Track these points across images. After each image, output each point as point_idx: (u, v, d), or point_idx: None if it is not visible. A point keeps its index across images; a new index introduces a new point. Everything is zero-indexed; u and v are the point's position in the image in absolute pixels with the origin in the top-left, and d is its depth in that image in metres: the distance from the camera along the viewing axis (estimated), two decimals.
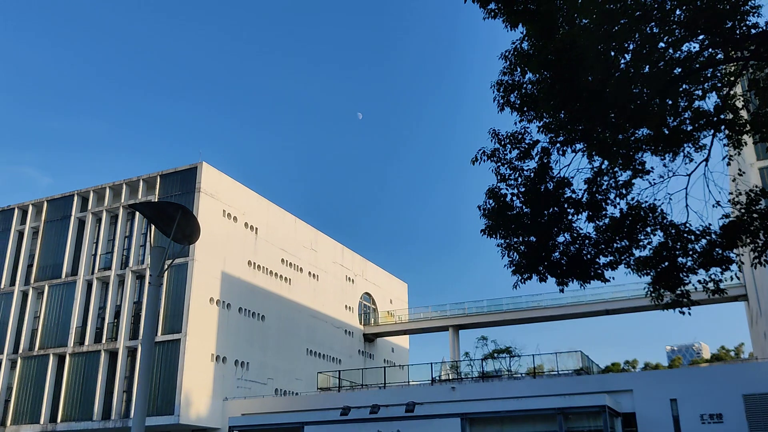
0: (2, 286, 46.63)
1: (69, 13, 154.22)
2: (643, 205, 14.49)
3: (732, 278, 39.94)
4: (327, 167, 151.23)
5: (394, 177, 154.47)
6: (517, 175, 14.56)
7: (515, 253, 14.65)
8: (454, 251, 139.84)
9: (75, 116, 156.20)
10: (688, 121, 13.69)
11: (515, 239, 14.63)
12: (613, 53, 12.63)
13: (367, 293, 60.77)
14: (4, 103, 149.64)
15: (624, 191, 14.59)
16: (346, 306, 57.02)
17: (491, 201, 14.60)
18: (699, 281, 14.31)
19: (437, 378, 42.18)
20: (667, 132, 13.64)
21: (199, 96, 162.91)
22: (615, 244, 14.56)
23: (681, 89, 13.11)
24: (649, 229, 14.52)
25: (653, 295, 14.94)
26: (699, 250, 14.18)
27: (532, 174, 14.48)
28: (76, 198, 46.15)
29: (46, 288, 44.81)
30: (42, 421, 41.15)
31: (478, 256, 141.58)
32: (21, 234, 47.93)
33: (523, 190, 14.47)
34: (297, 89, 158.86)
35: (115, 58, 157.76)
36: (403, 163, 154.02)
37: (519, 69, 13.96)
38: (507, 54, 14.08)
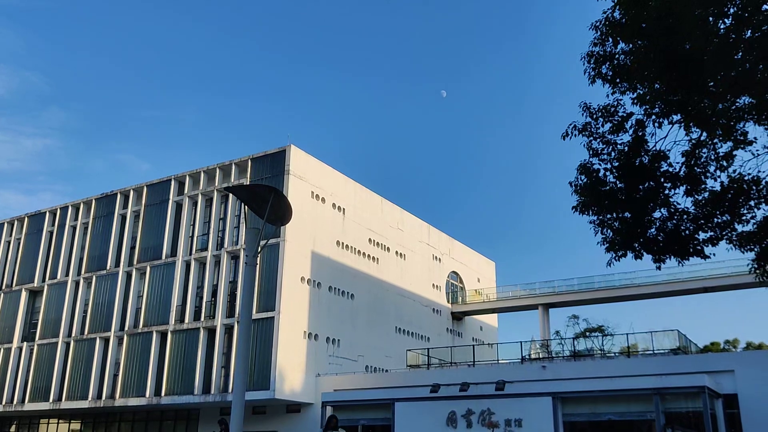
0: (108, 268, 49.39)
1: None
2: (745, 178, 13.86)
3: None
4: (409, 146, 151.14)
5: (476, 154, 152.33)
6: (610, 150, 14.20)
7: (609, 230, 14.33)
8: (537, 228, 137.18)
9: (165, 102, 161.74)
10: None
11: (609, 215, 14.31)
12: (711, 18, 12.06)
13: (454, 272, 60.75)
14: (101, 94, 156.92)
15: (725, 163, 13.99)
16: (433, 285, 57.24)
17: (583, 176, 14.32)
18: None
19: (527, 357, 41.81)
20: None
21: (284, 69, 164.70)
22: (715, 219, 14.02)
23: None
24: (752, 203, 13.90)
25: (758, 271, 14.36)
26: None
27: (626, 148, 14.09)
28: (173, 183, 48.14)
29: (148, 269, 47.11)
30: (147, 395, 43.50)
31: (559, 232, 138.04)
32: (124, 218, 50.48)
33: (616, 164, 14.10)
34: (378, 66, 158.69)
35: (202, 41, 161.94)
36: (485, 140, 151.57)
37: (611, 39, 13.56)
38: (597, 24, 13.70)
